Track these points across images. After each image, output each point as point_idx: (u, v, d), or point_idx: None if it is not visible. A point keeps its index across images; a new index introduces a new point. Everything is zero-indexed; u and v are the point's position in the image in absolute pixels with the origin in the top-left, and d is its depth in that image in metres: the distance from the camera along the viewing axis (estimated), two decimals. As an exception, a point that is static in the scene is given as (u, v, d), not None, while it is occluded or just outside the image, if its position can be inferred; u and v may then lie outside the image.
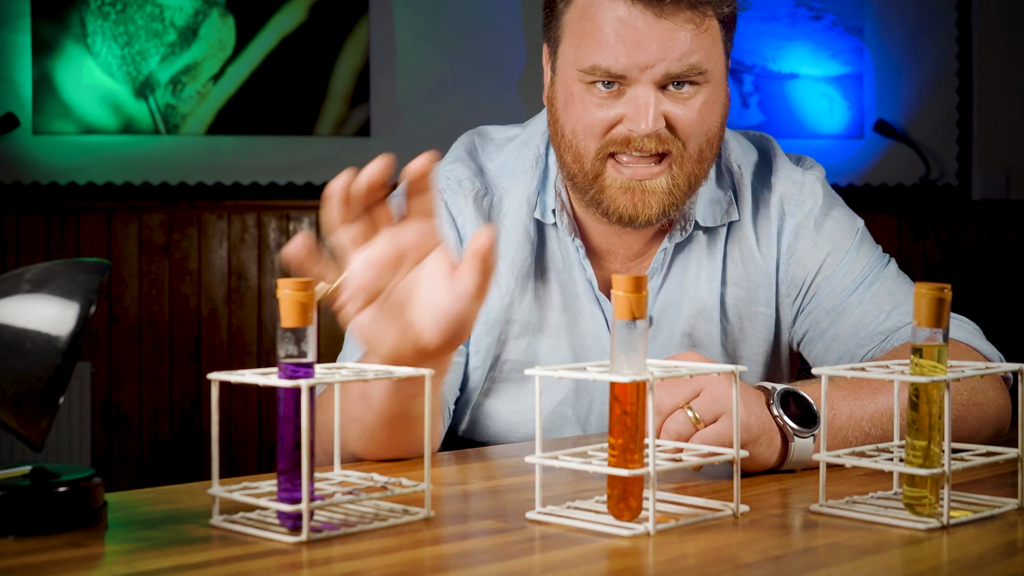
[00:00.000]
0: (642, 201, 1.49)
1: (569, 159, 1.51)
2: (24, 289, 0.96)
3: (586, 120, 1.48)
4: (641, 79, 1.45)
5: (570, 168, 1.52)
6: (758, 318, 1.63)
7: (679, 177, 1.49)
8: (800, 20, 4.18)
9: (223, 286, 3.86)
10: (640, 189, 1.48)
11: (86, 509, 1.00)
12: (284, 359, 0.97)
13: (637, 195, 1.49)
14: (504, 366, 1.61)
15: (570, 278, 1.60)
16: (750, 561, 0.95)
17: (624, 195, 1.49)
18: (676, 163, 1.48)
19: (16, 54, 3.75)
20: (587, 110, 1.48)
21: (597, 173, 1.49)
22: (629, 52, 1.44)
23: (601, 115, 1.47)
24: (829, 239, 1.62)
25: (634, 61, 1.44)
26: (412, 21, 3.96)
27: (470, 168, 1.61)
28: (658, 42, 1.44)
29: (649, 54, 1.44)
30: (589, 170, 1.49)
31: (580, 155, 1.50)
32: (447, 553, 0.98)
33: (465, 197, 1.59)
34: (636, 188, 1.48)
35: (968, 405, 1.41)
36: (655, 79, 1.45)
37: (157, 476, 3.81)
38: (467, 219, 1.58)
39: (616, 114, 1.47)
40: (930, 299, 1.02)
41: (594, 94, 1.47)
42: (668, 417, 1.20)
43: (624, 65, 1.45)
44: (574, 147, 1.50)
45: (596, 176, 1.49)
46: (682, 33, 1.45)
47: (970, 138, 4.31)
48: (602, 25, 1.45)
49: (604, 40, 1.45)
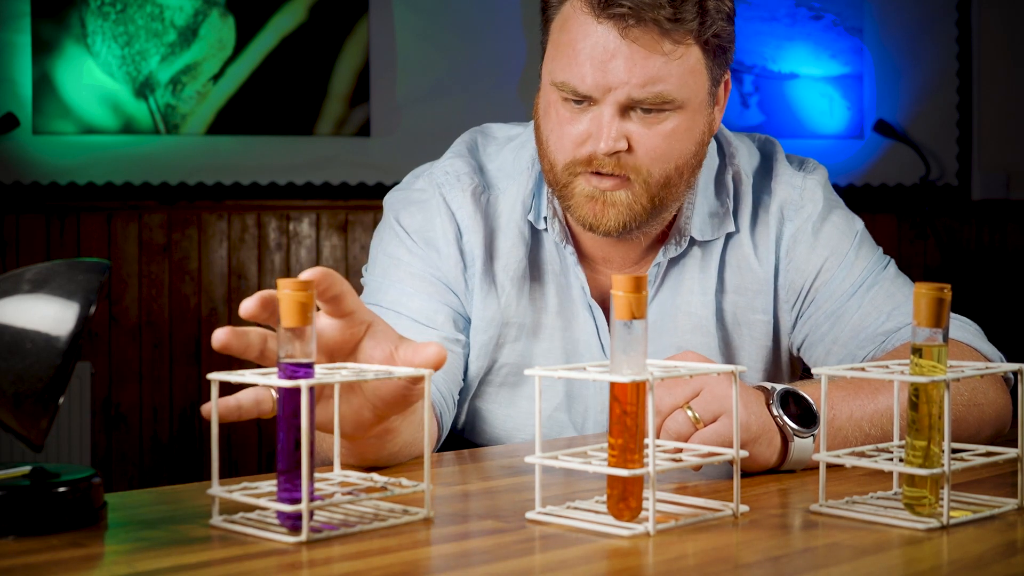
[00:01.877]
0: (603, 211, 1.49)
1: (546, 166, 1.53)
2: (24, 289, 0.96)
3: (558, 133, 1.49)
4: (604, 100, 1.45)
5: (547, 175, 1.54)
6: (756, 325, 1.63)
7: (641, 196, 1.48)
8: (800, 20, 4.18)
9: (223, 286, 3.86)
10: (602, 200, 1.49)
11: (86, 509, 1.00)
12: (284, 359, 0.97)
13: (599, 205, 1.49)
14: (501, 370, 1.61)
15: (566, 282, 1.60)
16: (750, 561, 0.95)
17: (588, 203, 1.50)
18: (637, 184, 1.48)
19: (16, 54, 3.75)
20: (560, 123, 1.49)
21: (566, 182, 1.50)
22: (594, 73, 1.44)
23: (570, 130, 1.48)
24: (827, 244, 1.61)
25: (597, 83, 1.44)
26: (412, 21, 3.96)
27: (470, 164, 1.62)
28: (624, 65, 1.43)
29: (612, 77, 1.43)
30: (560, 179, 1.51)
31: (553, 164, 1.51)
32: (447, 553, 0.98)
33: (463, 191, 1.59)
34: (599, 198, 1.49)
35: (968, 405, 1.41)
36: (618, 102, 1.44)
37: (157, 476, 3.81)
38: (466, 213, 1.59)
39: (583, 130, 1.47)
40: (930, 299, 1.02)
41: (566, 108, 1.48)
42: (668, 417, 1.20)
43: (588, 86, 1.44)
44: (548, 156, 1.52)
45: (565, 184, 1.50)
46: (651, 59, 1.43)
47: (970, 138, 4.31)
48: (575, 41, 1.45)
49: (574, 58, 1.45)
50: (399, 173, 1.75)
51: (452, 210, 1.59)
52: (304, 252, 3.88)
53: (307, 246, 3.89)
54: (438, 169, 1.63)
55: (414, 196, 1.62)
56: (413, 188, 1.63)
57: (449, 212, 1.59)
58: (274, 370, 1.01)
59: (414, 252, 1.59)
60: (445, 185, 1.60)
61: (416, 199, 1.61)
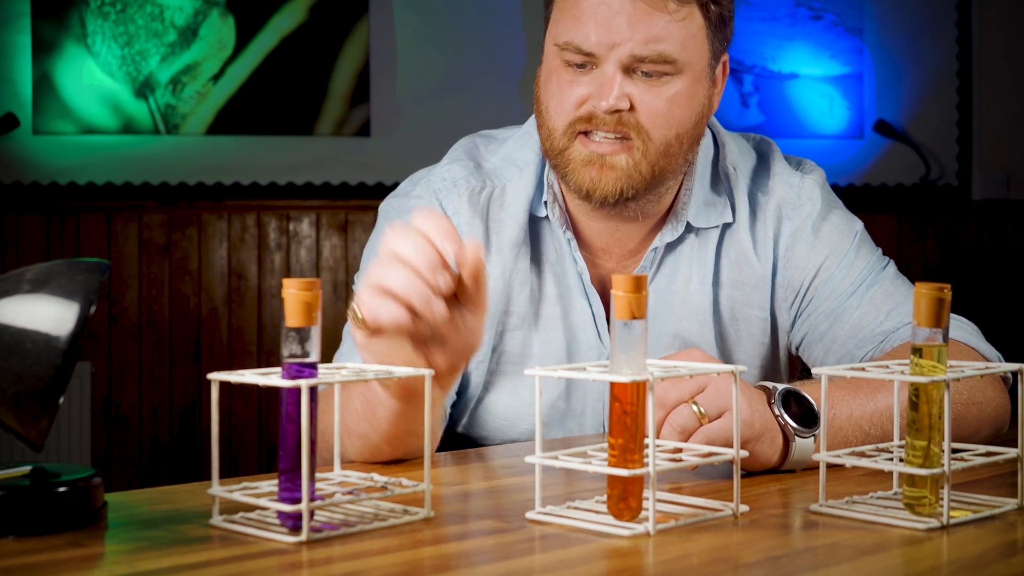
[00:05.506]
0: (600, 175, 1.50)
1: (543, 134, 1.54)
2: (24, 289, 0.96)
3: (559, 96, 1.50)
4: (608, 57, 1.47)
5: (544, 143, 1.54)
6: (752, 321, 1.63)
7: (641, 163, 1.49)
8: (800, 20, 4.18)
9: (223, 286, 3.86)
10: (600, 163, 1.49)
11: (86, 509, 1.00)
12: (288, 359, 0.97)
13: (596, 169, 1.50)
14: (502, 358, 1.61)
15: (563, 270, 1.61)
16: (750, 561, 0.95)
17: (585, 168, 1.50)
18: (638, 148, 1.49)
19: (16, 54, 3.75)
20: (560, 87, 1.50)
21: (564, 147, 1.51)
22: (598, 30, 1.46)
23: (571, 92, 1.49)
24: (827, 243, 1.62)
25: (601, 39, 1.46)
26: (412, 21, 3.96)
27: (466, 167, 1.62)
28: (628, 22, 1.45)
29: (616, 33, 1.45)
30: (558, 144, 1.51)
31: (551, 130, 1.52)
32: (447, 553, 0.98)
33: (460, 196, 1.60)
34: (597, 162, 1.50)
35: (967, 404, 1.41)
36: (621, 59, 1.46)
37: (157, 476, 3.81)
38: (463, 217, 1.59)
39: (584, 92, 1.49)
40: (930, 299, 1.02)
41: (568, 71, 1.49)
42: (673, 411, 1.20)
43: (592, 43, 1.46)
44: (547, 123, 1.52)
45: (563, 150, 1.51)
46: (655, 17, 1.46)
47: (970, 138, 4.31)
48: (579, 2, 1.48)
49: (578, 17, 1.47)
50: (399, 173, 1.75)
51: (449, 215, 1.59)
52: (304, 252, 3.88)
53: (307, 246, 3.89)
54: (435, 176, 1.63)
55: (410, 204, 1.62)
56: (410, 195, 1.63)
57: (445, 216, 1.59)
58: (275, 370, 1.01)
59: None
60: (442, 191, 1.61)
61: (412, 207, 1.61)
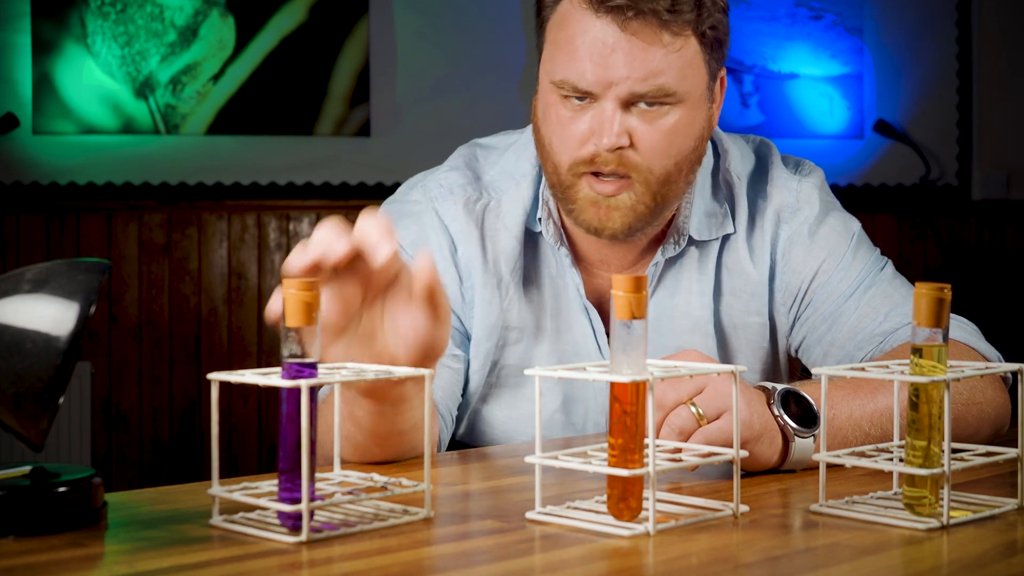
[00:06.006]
0: (607, 216, 1.49)
1: (549, 169, 1.52)
2: (24, 289, 0.96)
3: (560, 133, 1.48)
4: (606, 96, 1.44)
5: (550, 178, 1.53)
6: (752, 327, 1.62)
7: (644, 196, 1.48)
8: (800, 20, 4.18)
9: (223, 286, 3.86)
10: (605, 204, 1.49)
11: (86, 509, 1.00)
12: (288, 358, 0.97)
13: (602, 210, 1.49)
14: (502, 372, 1.60)
15: (563, 284, 1.60)
16: (750, 561, 0.95)
17: (591, 208, 1.49)
18: (639, 183, 1.47)
19: (16, 54, 3.75)
20: (561, 123, 1.48)
21: (570, 185, 1.50)
22: (594, 69, 1.44)
23: (572, 129, 1.47)
24: (824, 246, 1.61)
25: (598, 78, 1.44)
26: (412, 21, 3.96)
27: (464, 176, 1.61)
28: (624, 59, 1.43)
29: (614, 72, 1.43)
30: (564, 181, 1.50)
31: (556, 166, 1.50)
32: (447, 553, 0.98)
33: (455, 203, 1.59)
34: (602, 203, 1.49)
35: (967, 404, 1.41)
36: (619, 96, 1.44)
37: (157, 476, 3.81)
38: (459, 226, 1.58)
39: (585, 129, 1.47)
40: (930, 299, 1.02)
41: (567, 107, 1.47)
42: (671, 412, 1.20)
43: (589, 82, 1.44)
44: (551, 158, 1.51)
45: (569, 187, 1.50)
46: (651, 52, 1.43)
47: (970, 138, 4.31)
48: (573, 37, 1.45)
49: (573, 54, 1.45)
50: (399, 173, 1.75)
51: (445, 223, 1.58)
52: (304, 252, 3.88)
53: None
54: (432, 181, 1.62)
55: (407, 209, 1.61)
56: (407, 200, 1.62)
57: (443, 225, 1.58)
58: (274, 370, 1.01)
59: None
60: (438, 198, 1.60)
61: (409, 211, 1.60)
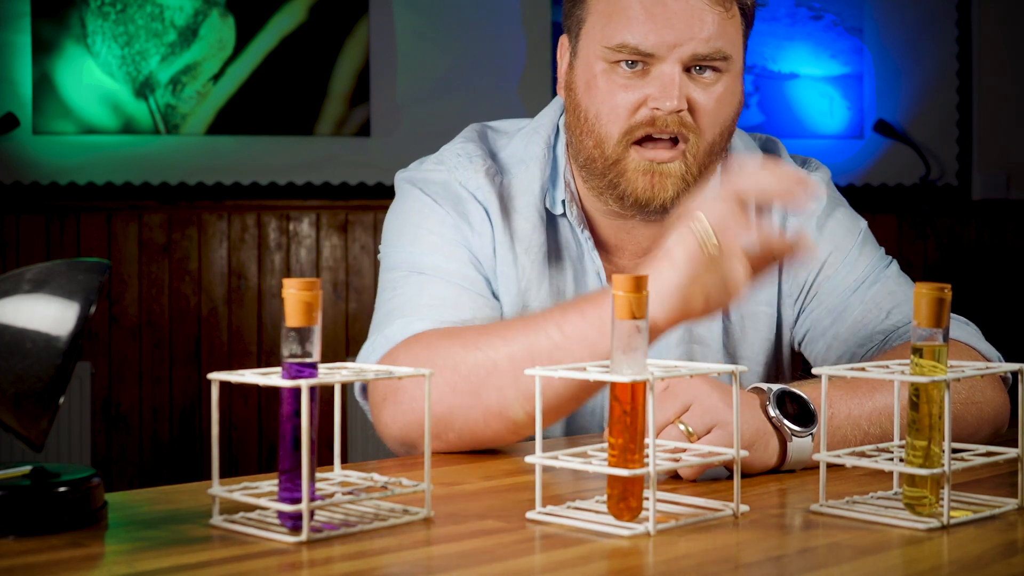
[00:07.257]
0: (659, 183, 1.48)
1: (590, 144, 1.50)
2: (24, 289, 0.96)
3: (611, 102, 1.47)
4: (668, 57, 1.45)
5: (590, 153, 1.51)
6: (759, 317, 1.63)
7: (692, 165, 1.48)
8: (800, 20, 4.18)
9: (223, 286, 3.86)
10: (658, 172, 1.48)
11: (86, 509, 1.00)
12: (288, 359, 0.97)
13: (655, 178, 1.48)
14: None
15: (582, 267, 1.60)
16: (750, 561, 0.95)
17: (643, 177, 1.48)
18: (690, 151, 1.48)
19: (16, 54, 3.75)
20: (611, 92, 1.47)
21: (618, 157, 1.48)
22: (658, 30, 1.44)
23: (625, 96, 1.47)
24: (831, 240, 1.62)
25: (663, 39, 1.44)
26: (412, 21, 3.96)
27: (481, 148, 1.59)
28: (687, 21, 1.44)
29: (678, 32, 1.44)
30: (610, 154, 1.49)
31: (602, 139, 1.49)
32: (447, 553, 0.98)
33: (476, 172, 1.56)
34: (655, 171, 1.48)
35: (967, 404, 1.41)
36: (682, 58, 1.45)
37: (157, 476, 3.81)
38: (484, 194, 1.56)
39: (641, 95, 1.46)
40: (930, 299, 1.02)
41: (618, 74, 1.47)
42: (660, 434, 1.19)
43: (653, 43, 1.44)
44: (596, 131, 1.49)
45: (617, 160, 1.48)
46: (710, 15, 1.45)
47: (970, 138, 4.31)
48: (631, 3, 1.46)
49: (634, 18, 1.45)
50: (399, 173, 1.74)
51: (472, 191, 1.56)
52: (304, 252, 3.88)
53: (307, 246, 3.88)
54: (448, 152, 1.59)
55: (431, 175, 1.58)
56: (425, 167, 1.59)
57: (470, 194, 1.56)
58: (275, 370, 1.01)
59: (446, 222, 1.54)
60: (458, 168, 1.57)
61: (434, 177, 1.57)
